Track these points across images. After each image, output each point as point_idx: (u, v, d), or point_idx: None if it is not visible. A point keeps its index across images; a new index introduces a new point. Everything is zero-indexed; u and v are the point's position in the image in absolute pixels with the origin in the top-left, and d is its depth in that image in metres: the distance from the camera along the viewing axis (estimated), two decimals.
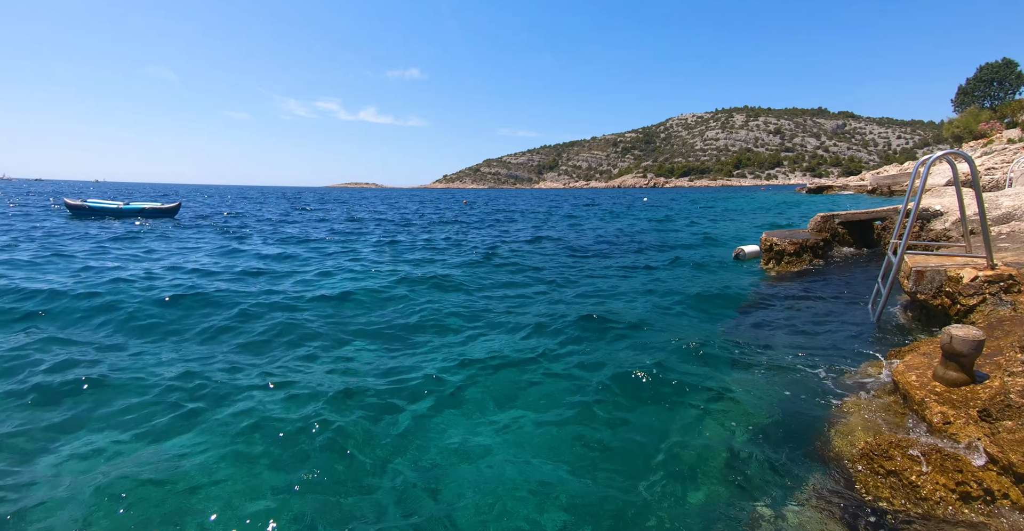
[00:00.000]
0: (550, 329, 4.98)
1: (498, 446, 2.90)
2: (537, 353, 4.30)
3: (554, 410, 3.33)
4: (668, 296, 6.43)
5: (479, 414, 3.33)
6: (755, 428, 2.96)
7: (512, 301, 6.39)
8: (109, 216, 19.65)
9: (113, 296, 6.10)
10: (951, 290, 3.77)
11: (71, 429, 3.11)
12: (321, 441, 2.89)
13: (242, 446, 2.86)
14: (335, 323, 5.31)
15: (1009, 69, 44.90)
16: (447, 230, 17.29)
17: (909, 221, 4.01)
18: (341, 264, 9.29)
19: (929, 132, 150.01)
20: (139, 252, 10.35)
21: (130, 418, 3.23)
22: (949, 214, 7.56)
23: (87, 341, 4.68)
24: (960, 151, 3.77)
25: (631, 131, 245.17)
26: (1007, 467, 1.99)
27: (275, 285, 7.21)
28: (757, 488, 2.45)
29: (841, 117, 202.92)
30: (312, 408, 3.25)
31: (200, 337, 4.89)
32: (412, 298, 6.49)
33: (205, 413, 3.27)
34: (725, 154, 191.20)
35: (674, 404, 3.36)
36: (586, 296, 6.58)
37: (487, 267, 9.02)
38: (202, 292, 6.41)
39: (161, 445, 2.92)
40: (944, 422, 2.33)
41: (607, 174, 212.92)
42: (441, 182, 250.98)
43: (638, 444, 2.90)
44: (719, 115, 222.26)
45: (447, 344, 4.71)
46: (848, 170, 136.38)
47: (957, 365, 2.50)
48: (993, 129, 33.57)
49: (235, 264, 9.06)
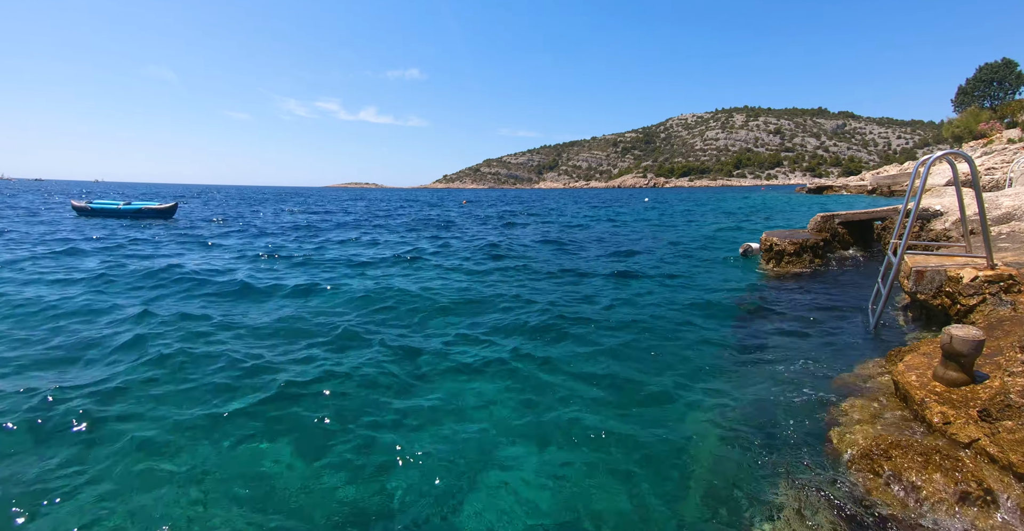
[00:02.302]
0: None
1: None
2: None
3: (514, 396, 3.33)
4: (681, 290, 6.43)
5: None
6: (754, 428, 2.96)
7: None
8: (111, 216, 20.30)
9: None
10: (951, 290, 3.77)
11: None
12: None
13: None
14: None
15: (1009, 69, 44.91)
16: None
17: (909, 221, 4.01)
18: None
19: (929, 132, 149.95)
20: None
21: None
22: (949, 214, 7.56)
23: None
24: (960, 151, 3.77)
25: (631, 131, 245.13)
26: (1007, 467, 1.99)
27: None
28: (756, 488, 2.45)
29: (841, 117, 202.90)
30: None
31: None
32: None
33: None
34: (725, 154, 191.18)
35: (673, 403, 3.36)
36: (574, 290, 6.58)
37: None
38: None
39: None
40: (944, 422, 2.32)
41: (607, 174, 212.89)
42: (441, 182, 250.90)
43: (636, 442, 2.89)
44: (719, 115, 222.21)
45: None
46: (848, 170, 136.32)
47: (957, 365, 2.50)
48: (993, 129, 33.58)
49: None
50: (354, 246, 12.40)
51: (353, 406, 3.35)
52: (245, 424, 3.10)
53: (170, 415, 3.19)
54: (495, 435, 3.01)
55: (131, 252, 10.34)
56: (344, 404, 3.37)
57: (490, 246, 12.04)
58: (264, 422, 3.12)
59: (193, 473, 2.61)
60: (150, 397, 3.44)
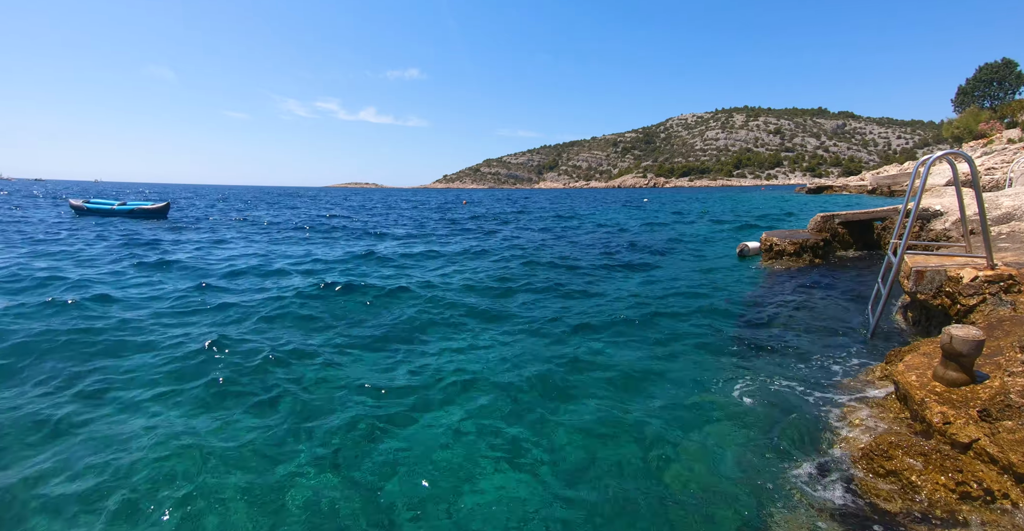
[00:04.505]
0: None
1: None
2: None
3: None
4: (680, 289, 6.43)
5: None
6: (754, 428, 2.96)
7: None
8: (106, 215, 20.32)
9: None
10: (951, 290, 3.77)
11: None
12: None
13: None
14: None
15: (1009, 69, 44.94)
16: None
17: (909, 221, 4.01)
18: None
19: (929, 132, 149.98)
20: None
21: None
22: (949, 214, 7.56)
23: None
24: (960, 151, 3.77)
25: (631, 131, 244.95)
26: (1007, 467, 1.99)
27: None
28: (756, 488, 2.45)
29: (841, 117, 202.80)
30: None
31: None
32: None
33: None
34: (725, 154, 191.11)
35: (671, 401, 3.36)
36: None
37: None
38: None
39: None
40: (944, 422, 2.32)
41: (607, 174, 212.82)
42: (441, 182, 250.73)
43: (632, 438, 2.90)
44: (719, 115, 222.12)
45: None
46: (848, 170, 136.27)
47: (957, 365, 2.50)
48: (993, 129, 33.59)
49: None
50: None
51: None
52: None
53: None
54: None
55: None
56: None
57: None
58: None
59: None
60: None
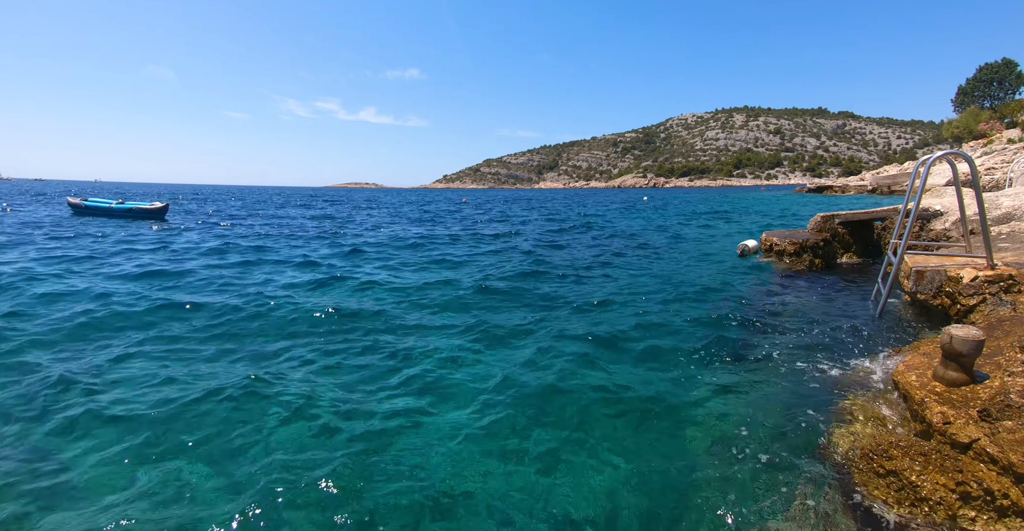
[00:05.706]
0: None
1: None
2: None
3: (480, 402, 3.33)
4: (677, 290, 6.43)
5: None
6: (754, 428, 2.96)
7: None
8: (103, 214, 20.23)
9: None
10: (951, 290, 3.77)
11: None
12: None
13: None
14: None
15: (1009, 69, 44.95)
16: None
17: (909, 221, 4.01)
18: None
19: (929, 132, 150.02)
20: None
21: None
22: (949, 214, 7.56)
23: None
24: (960, 151, 3.77)
25: (631, 131, 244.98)
26: (1007, 467, 1.99)
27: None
28: (756, 488, 2.44)
29: (841, 117, 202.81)
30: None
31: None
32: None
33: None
34: (725, 154, 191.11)
35: (670, 400, 3.36)
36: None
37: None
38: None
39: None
40: (944, 422, 2.32)
41: (607, 174, 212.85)
42: (441, 182, 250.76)
43: (634, 438, 2.89)
44: (719, 115, 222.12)
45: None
46: (848, 170, 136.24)
47: (957, 365, 2.50)
48: (993, 129, 33.61)
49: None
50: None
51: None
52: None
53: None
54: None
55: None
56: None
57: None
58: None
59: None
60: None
